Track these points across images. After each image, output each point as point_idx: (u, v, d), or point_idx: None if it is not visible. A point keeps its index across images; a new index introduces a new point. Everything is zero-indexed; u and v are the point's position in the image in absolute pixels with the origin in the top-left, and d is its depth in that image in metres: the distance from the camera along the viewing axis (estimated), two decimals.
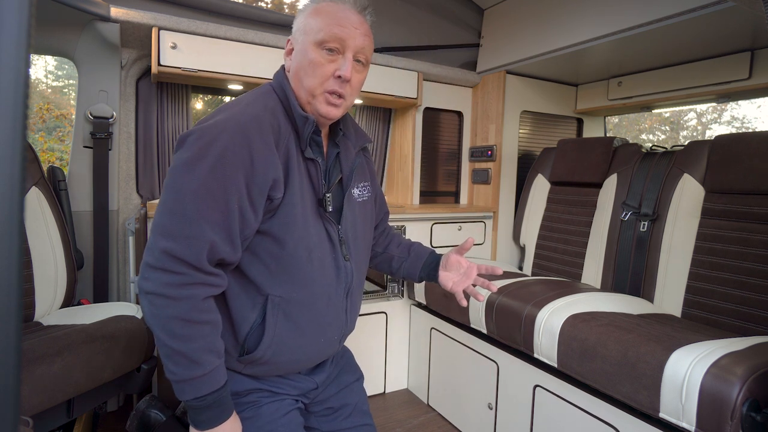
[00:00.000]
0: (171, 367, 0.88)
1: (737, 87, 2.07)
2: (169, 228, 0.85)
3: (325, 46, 0.97)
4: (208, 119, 0.92)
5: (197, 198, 0.85)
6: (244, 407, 1.02)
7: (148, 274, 0.85)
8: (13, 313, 0.28)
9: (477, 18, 2.75)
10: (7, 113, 0.27)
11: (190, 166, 0.85)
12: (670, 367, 1.13)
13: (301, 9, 1.04)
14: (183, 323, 0.86)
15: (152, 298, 0.85)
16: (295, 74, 1.00)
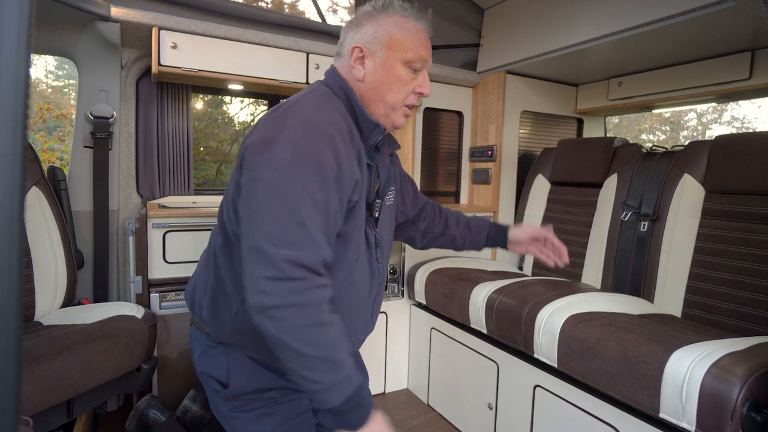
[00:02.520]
0: (315, 376, 0.83)
1: (737, 87, 2.07)
2: (286, 237, 0.83)
3: (412, 65, 1.04)
4: (280, 122, 0.90)
5: (305, 204, 0.85)
6: (264, 403, 1.04)
7: (270, 287, 0.82)
8: (13, 313, 0.28)
9: (477, 18, 2.75)
10: (8, 113, 0.27)
11: (290, 175, 0.85)
12: (671, 367, 1.13)
13: (371, 15, 1.06)
14: (318, 328, 0.84)
15: (279, 312, 0.82)
16: (375, 87, 1.04)
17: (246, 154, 0.91)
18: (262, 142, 0.88)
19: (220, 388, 1.06)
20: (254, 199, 0.85)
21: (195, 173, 2.92)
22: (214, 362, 1.07)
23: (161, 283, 1.81)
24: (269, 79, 2.07)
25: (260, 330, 0.85)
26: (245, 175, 0.89)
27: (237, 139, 6.69)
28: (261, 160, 0.87)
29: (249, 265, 0.84)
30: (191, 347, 1.15)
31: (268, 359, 1.04)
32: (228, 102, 6.61)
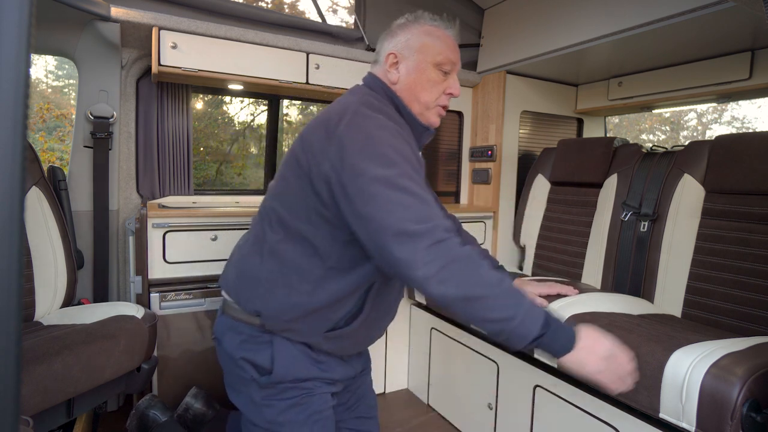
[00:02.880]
0: (508, 312, 0.91)
1: (737, 87, 2.07)
2: (421, 214, 0.93)
3: (441, 68, 1.16)
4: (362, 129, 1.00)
5: (417, 187, 0.96)
6: (299, 392, 1.13)
7: (431, 254, 0.90)
8: (13, 313, 0.28)
9: (477, 18, 2.75)
10: (8, 113, 0.27)
11: (397, 168, 0.96)
12: (670, 367, 1.13)
13: (404, 25, 1.20)
14: (486, 271, 0.94)
15: (449, 270, 0.90)
16: (409, 88, 1.16)
17: (342, 165, 0.97)
18: (356, 148, 0.96)
19: (258, 375, 1.12)
20: (377, 197, 0.93)
21: (195, 173, 2.92)
22: (258, 349, 1.12)
23: (161, 283, 1.81)
24: (269, 79, 2.07)
25: (442, 302, 0.92)
26: (352, 181, 0.95)
27: (237, 139, 6.69)
28: (364, 164, 0.95)
29: (400, 250, 0.91)
30: (224, 336, 1.18)
31: (316, 344, 1.13)
32: (228, 102, 6.61)
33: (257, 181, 6.51)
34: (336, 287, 1.08)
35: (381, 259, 0.97)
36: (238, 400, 1.19)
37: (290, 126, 7.30)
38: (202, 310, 1.87)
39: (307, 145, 1.05)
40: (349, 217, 0.98)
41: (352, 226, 0.99)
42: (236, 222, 1.93)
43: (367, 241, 0.97)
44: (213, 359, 1.91)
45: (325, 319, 1.11)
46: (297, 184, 1.07)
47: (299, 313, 1.08)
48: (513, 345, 0.95)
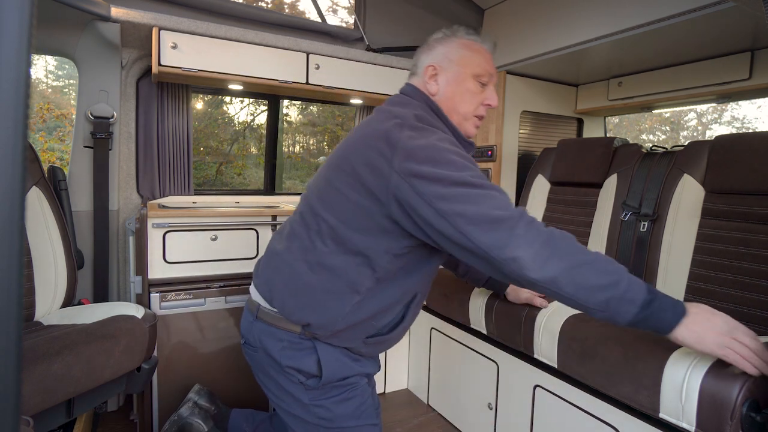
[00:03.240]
0: (613, 276, 0.93)
1: (737, 87, 2.07)
2: (504, 204, 0.98)
3: (480, 80, 1.21)
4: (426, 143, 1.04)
5: (490, 184, 1.01)
6: (346, 388, 1.20)
7: (528, 235, 0.94)
8: (13, 313, 0.28)
9: (477, 18, 2.75)
10: (8, 113, 0.27)
11: (468, 170, 1.01)
12: (670, 367, 1.13)
13: (441, 39, 1.25)
14: (569, 239, 0.98)
15: (548, 249, 0.93)
16: (449, 99, 1.20)
17: (414, 175, 1.00)
18: (425, 157, 1.00)
19: (305, 379, 1.17)
20: (460, 195, 0.97)
21: (195, 173, 2.92)
22: (302, 356, 1.17)
23: (161, 283, 1.81)
24: (269, 79, 2.07)
25: (548, 276, 0.93)
26: (430, 188, 0.98)
27: (237, 139, 6.69)
28: (437, 171, 0.99)
29: (498, 235, 0.94)
30: (263, 342, 1.21)
31: (355, 348, 1.20)
32: (228, 102, 6.61)
33: (257, 181, 6.51)
34: (384, 298, 1.13)
35: (475, 254, 0.98)
36: (285, 403, 1.23)
37: (290, 126, 7.30)
38: (202, 310, 1.87)
39: (366, 159, 1.06)
40: (429, 223, 1.00)
41: (432, 234, 1.02)
42: (236, 222, 1.93)
43: (455, 241, 0.98)
44: (213, 359, 1.91)
45: (369, 327, 1.17)
46: (355, 198, 1.07)
47: (348, 323, 1.13)
48: (621, 317, 0.93)
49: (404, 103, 1.19)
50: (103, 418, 1.99)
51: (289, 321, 1.16)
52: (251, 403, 1.98)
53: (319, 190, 1.17)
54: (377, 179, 1.04)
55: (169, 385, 1.82)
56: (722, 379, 1.03)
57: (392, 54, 2.45)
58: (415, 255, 1.13)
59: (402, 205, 1.02)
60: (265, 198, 2.58)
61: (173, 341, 1.82)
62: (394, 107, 1.17)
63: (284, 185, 6.50)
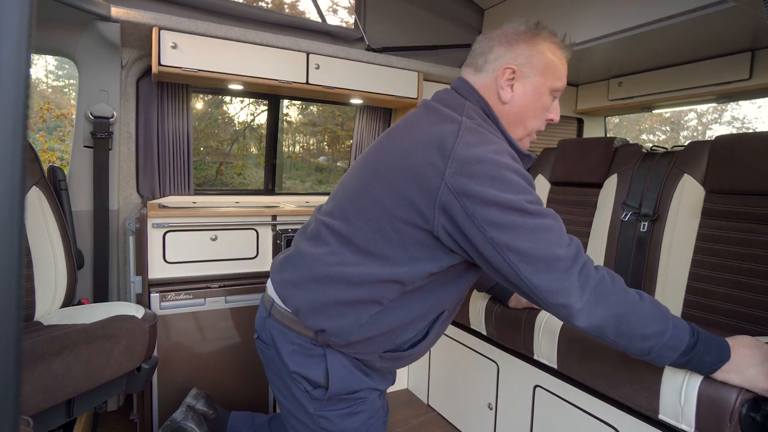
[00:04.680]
0: (659, 325, 0.91)
1: (738, 87, 2.07)
2: (562, 239, 0.92)
3: (554, 94, 1.07)
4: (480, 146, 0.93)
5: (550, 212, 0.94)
6: (354, 402, 1.13)
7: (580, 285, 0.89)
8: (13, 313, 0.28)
9: (477, 18, 2.75)
10: (8, 113, 0.27)
11: (524, 189, 0.92)
12: (670, 368, 1.13)
13: (525, 35, 1.07)
14: (621, 283, 0.94)
15: (596, 297, 0.90)
16: (520, 111, 1.04)
17: (467, 192, 0.89)
18: (482, 173, 0.89)
19: (311, 388, 1.10)
20: (516, 225, 0.89)
21: (195, 173, 2.92)
22: (310, 364, 1.09)
23: (161, 283, 1.81)
24: (269, 79, 2.07)
25: (595, 325, 0.90)
26: (483, 210, 0.89)
27: (237, 139, 6.69)
28: (494, 191, 0.89)
29: (551, 279, 0.88)
30: (275, 340, 1.14)
31: (369, 361, 1.12)
32: (228, 102, 6.61)
33: (257, 181, 6.51)
34: (408, 312, 1.03)
35: (520, 289, 0.93)
36: (290, 407, 1.17)
37: (290, 126, 7.30)
38: (202, 310, 1.87)
39: (412, 167, 0.94)
40: (476, 249, 0.91)
41: (476, 258, 0.94)
42: (236, 222, 1.93)
43: (502, 273, 0.91)
44: (213, 359, 1.91)
45: (388, 342, 1.07)
46: (393, 208, 0.96)
47: (365, 335, 1.04)
48: (662, 360, 0.93)
49: (458, 105, 1.03)
50: (103, 418, 1.99)
51: (302, 325, 1.08)
52: (250, 403, 1.98)
53: (353, 192, 1.05)
54: (423, 190, 0.92)
55: (169, 385, 1.82)
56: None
57: (392, 54, 2.45)
58: (452, 271, 1.03)
59: (448, 221, 0.91)
60: (265, 198, 2.58)
61: (173, 341, 1.82)
62: (447, 107, 1.03)
63: (284, 185, 6.50)
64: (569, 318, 0.90)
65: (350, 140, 2.92)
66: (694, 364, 0.94)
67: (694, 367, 0.95)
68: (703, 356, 0.93)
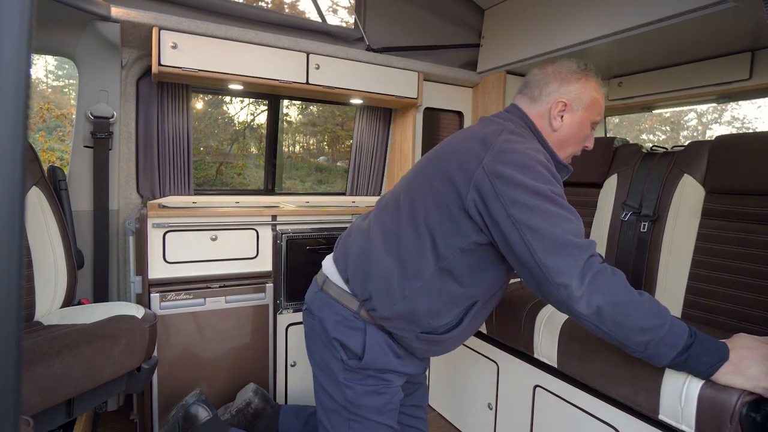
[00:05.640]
0: (657, 319, 0.94)
1: (738, 87, 2.07)
2: (579, 229, 1.01)
3: (593, 126, 1.25)
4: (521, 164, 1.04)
5: (570, 208, 1.06)
6: (377, 381, 1.21)
7: (584, 272, 0.95)
8: (13, 313, 0.28)
9: (477, 18, 2.75)
10: (8, 113, 0.27)
11: (550, 181, 1.06)
12: (670, 370, 1.13)
13: (578, 75, 1.22)
14: (620, 276, 0.99)
15: (595, 285, 0.95)
16: (565, 138, 1.22)
17: (498, 174, 1.02)
18: (514, 161, 1.02)
19: (347, 357, 1.20)
20: (538, 208, 0.99)
21: (195, 173, 2.92)
22: (351, 335, 1.20)
23: (161, 283, 1.81)
24: (269, 79, 2.07)
25: (593, 311, 0.94)
26: (510, 190, 1.00)
27: (237, 139, 6.69)
28: (523, 176, 1.00)
29: (560, 261, 0.95)
30: (321, 312, 1.25)
31: (406, 341, 1.20)
32: (228, 102, 6.61)
33: (257, 181, 6.51)
34: (443, 292, 1.13)
35: (530, 269, 0.99)
36: (322, 375, 1.26)
37: (290, 126, 7.30)
38: (202, 310, 1.87)
39: (458, 155, 1.10)
40: (497, 225, 1.02)
41: (495, 235, 1.04)
42: (236, 222, 1.93)
43: (516, 250, 1.00)
44: (213, 359, 1.91)
45: (425, 322, 1.16)
46: (437, 185, 1.11)
47: (405, 309, 1.14)
48: (658, 359, 0.95)
49: (506, 118, 1.21)
50: (103, 418, 1.99)
51: (351, 296, 1.19)
52: None
53: (410, 179, 1.22)
54: (463, 171, 1.07)
55: (169, 385, 1.82)
56: None
57: (392, 54, 2.45)
58: (482, 255, 1.12)
59: (479, 198, 1.04)
60: (265, 198, 2.58)
61: (173, 341, 1.82)
62: (499, 121, 1.19)
63: (284, 185, 6.50)
64: (569, 300, 0.95)
65: (350, 140, 2.92)
66: (693, 364, 0.95)
67: (693, 367, 0.96)
68: (700, 356, 0.94)
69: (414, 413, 1.51)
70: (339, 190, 3.01)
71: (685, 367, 0.97)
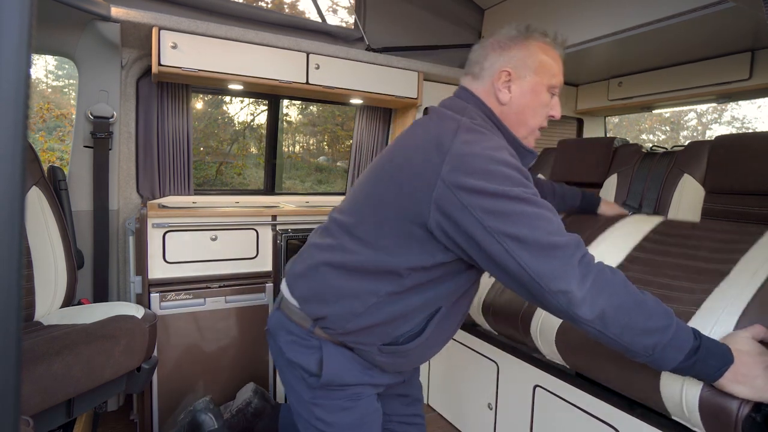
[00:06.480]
0: (663, 320, 0.88)
1: (738, 87, 2.07)
2: (560, 228, 0.91)
3: (552, 91, 1.12)
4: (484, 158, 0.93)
5: (542, 203, 0.93)
6: (346, 396, 1.12)
7: (582, 271, 0.88)
8: (13, 313, 0.28)
9: (477, 18, 2.75)
10: (8, 113, 0.27)
11: (520, 182, 0.93)
12: (666, 386, 1.13)
13: (517, 39, 1.10)
14: (620, 276, 0.92)
15: (597, 287, 0.88)
16: (520, 111, 1.09)
17: (462, 185, 0.90)
18: (478, 167, 0.91)
19: (307, 375, 1.12)
20: (514, 214, 0.89)
21: (195, 173, 2.92)
22: (305, 354, 1.12)
23: (161, 283, 1.81)
24: (269, 79, 2.07)
25: (597, 315, 0.87)
26: (480, 201, 0.89)
27: (237, 139, 6.70)
28: (491, 183, 0.90)
29: (552, 264, 0.87)
30: (278, 333, 1.17)
31: (369, 355, 1.10)
32: (228, 102, 6.61)
33: (257, 181, 6.51)
34: (404, 305, 1.04)
35: (519, 279, 0.90)
36: (290, 395, 1.20)
37: (290, 126, 7.31)
38: (202, 310, 1.87)
39: (411, 163, 0.98)
40: (473, 240, 0.91)
41: (472, 251, 0.94)
42: (236, 222, 1.93)
43: (500, 263, 0.90)
44: (213, 359, 1.91)
45: (385, 334, 1.07)
46: (391, 200, 0.99)
47: (361, 325, 1.05)
48: (665, 363, 0.90)
49: (460, 108, 1.08)
50: (103, 418, 1.99)
51: (303, 314, 1.11)
52: None
53: (361, 189, 1.11)
54: (420, 185, 0.94)
55: (169, 385, 1.82)
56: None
57: (392, 54, 2.45)
58: (446, 269, 1.03)
59: (443, 216, 0.93)
60: (265, 198, 2.58)
61: (173, 341, 1.82)
62: (449, 110, 1.07)
63: (284, 185, 6.50)
64: (570, 307, 0.87)
65: (350, 140, 2.92)
66: (699, 367, 0.90)
67: (700, 371, 0.91)
68: (707, 359, 0.90)
69: (410, 420, 1.44)
70: (339, 190, 3.01)
71: (692, 371, 0.92)
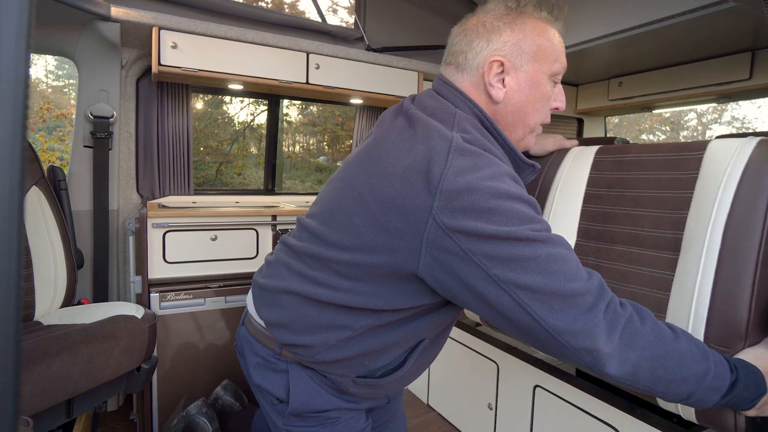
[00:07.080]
0: (701, 364, 0.77)
1: (738, 87, 2.07)
2: (576, 262, 0.75)
3: (555, 78, 0.93)
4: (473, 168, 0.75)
5: (557, 240, 0.77)
6: (321, 422, 1.00)
7: (598, 327, 0.72)
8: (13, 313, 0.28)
9: None
10: (7, 113, 0.27)
11: (529, 218, 0.75)
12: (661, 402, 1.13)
13: (507, 18, 0.90)
14: (649, 317, 0.78)
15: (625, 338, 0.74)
16: (519, 108, 0.89)
17: (460, 227, 0.73)
18: (476, 211, 0.73)
19: (276, 402, 1.01)
20: (523, 259, 0.73)
21: (195, 173, 2.92)
22: (272, 378, 1.00)
23: (161, 283, 1.81)
24: (269, 79, 2.07)
25: (627, 372, 0.75)
26: (483, 246, 0.73)
27: (237, 139, 6.70)
28: (492, 230, 0.72)
29: (573, 318, 0.72)
30: (245, 353, 1.06)
31: (342, 385, 0.98)
32: (228, 102, 6.62)
33: (257, 181, 6.51)
34: (381, 339, 0.90)
35: (534, 334, 0.75)
36: (268, 419, 1.09)
37: (290, 126, 7.31)
38: (202, 310, 1.87)
39: (394, 195, 0.78)
40: (475, 291, 0.75)
41: (474, 303, 0.77)
42: (236, 222, 1.93)
43: (512, 317, 0.75)
44: (213, 359, 1.91)
45: (359, 366, 0.94)
46: (370, 237, 0.81)
47: (332, 358, 0.93)
48: (703, 404, 0.80)
49: (448, 115, 0.85)
50: (103, 418, 1.99)
51: (269, 335, 0.99)
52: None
53: (329, 209, 0.91)
54: (405, 223, 0.76)
55: (169, 385, 1.82)
56: None
57: (392, 54, 2.45)
58: (432, 306, 0.90)
59: (437, 263, 0.76)
60: (265, 198, 2.58)
61: (173, 341, 1.82)
62: (434, 119, 0.84)
63: (284, 185, 6.51)
64: (597, 365, 0.74)
65: (350, 140, 2.92)
66: (734, 403, 0.81)
67: (734, 405, 0.82)
68: (743, 393, 0.80)
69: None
70: None
71: (727, 405, 0.82)
